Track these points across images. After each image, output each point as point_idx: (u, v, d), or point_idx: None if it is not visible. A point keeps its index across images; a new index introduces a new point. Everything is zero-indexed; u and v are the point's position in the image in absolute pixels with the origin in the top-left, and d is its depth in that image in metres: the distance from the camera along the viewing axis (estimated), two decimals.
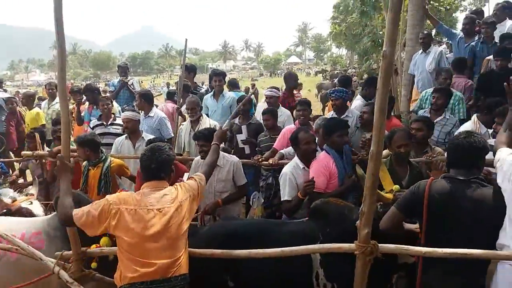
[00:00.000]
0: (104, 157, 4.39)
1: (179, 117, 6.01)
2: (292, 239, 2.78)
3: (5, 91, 8.18)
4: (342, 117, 4.84)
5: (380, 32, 15.94)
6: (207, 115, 5.99)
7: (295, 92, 8.15)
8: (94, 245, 2.94)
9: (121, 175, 4.60)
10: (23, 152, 5.02)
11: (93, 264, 2.97)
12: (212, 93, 6.44)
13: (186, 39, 6.08)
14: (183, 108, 5.95)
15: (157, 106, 6.38)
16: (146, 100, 5.80)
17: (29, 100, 7.51)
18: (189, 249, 2.69)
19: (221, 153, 3.92)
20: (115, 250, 2.68)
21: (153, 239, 2.47)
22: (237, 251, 2.74)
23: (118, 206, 2.52)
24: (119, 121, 5.58)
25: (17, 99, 7.54)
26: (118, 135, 5.39)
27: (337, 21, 30.74)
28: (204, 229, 3.33)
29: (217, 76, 6.38)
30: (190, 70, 7.43)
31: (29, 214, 3.91)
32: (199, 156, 4.15)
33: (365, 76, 16.73)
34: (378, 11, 15.62)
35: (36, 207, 4.07)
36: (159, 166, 2.66)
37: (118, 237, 2.54)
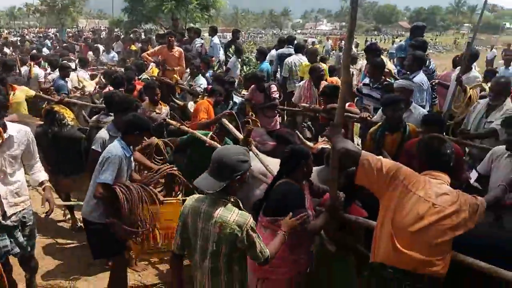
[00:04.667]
0: (405, 123, 4.26)
1: (459, 87, 5.34)
2: None
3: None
4: None
5: None
6: None
7: None
8: None
9: None
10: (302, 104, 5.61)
11: None
12: None
13: None
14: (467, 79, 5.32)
15: None
16: None
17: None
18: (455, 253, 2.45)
19: None
20: (373, 225, 2.67)
21: (417, 232, 2.33)
22: (509, 273, 2.33)
23: (406, 181, 2.42)
24: None
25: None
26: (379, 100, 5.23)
27: None
28: None
29: None
30: None
31: None
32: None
33: None
34: None
35: None
36: (446, 159, 2.50)
37: (384, 209, 2.48)
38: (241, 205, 2.47)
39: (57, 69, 7.65)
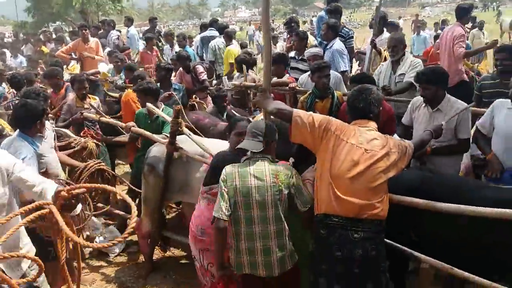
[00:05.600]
0: (332, 90, 4.38)
1: (373, 50, 5.69)
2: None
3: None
4: None
5: None
6: None
7: None
8: None
9: None
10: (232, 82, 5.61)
11: None
12: None
13: None
14: (380, 42, 5.59)
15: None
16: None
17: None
18: (391, 195, 2.61)
19: (448, 96, 3.61)
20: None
21: (354, 177, 2.46)
22: (443, 204, 2.50)
23: (337, 132, 2.55)
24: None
25: None
26: (306, 71, 5.37)
27: None
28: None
29: None
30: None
31: None
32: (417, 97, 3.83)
33: None
34: None
35: None
36: (366, 106, 2.61)
37: (321, 162, 2.59)
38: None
39: None
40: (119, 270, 4.31)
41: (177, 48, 8.62)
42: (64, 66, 7.87)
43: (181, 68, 6.33)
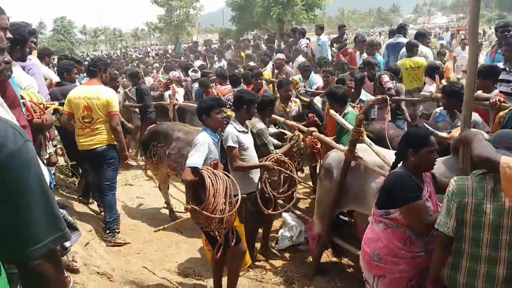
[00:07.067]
0: None
1: None
2: None
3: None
4: None
5: None
6: None
7: None
8: None
9: None
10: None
11: None
12: None
13: None
14: None
15: None
16: None
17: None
18: None
19: None
20: None
21: None
22: None
23: None
24: None
25: None
26: None
27: None
28: None
29: None
30: None
31: None
32: None
33: None
34: None
35: None
36: None
37: None
38: None
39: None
40: (287, 264, 4.48)
41: (365, 56, 8.51)
42: None
43: (365, 73, 6.26)
